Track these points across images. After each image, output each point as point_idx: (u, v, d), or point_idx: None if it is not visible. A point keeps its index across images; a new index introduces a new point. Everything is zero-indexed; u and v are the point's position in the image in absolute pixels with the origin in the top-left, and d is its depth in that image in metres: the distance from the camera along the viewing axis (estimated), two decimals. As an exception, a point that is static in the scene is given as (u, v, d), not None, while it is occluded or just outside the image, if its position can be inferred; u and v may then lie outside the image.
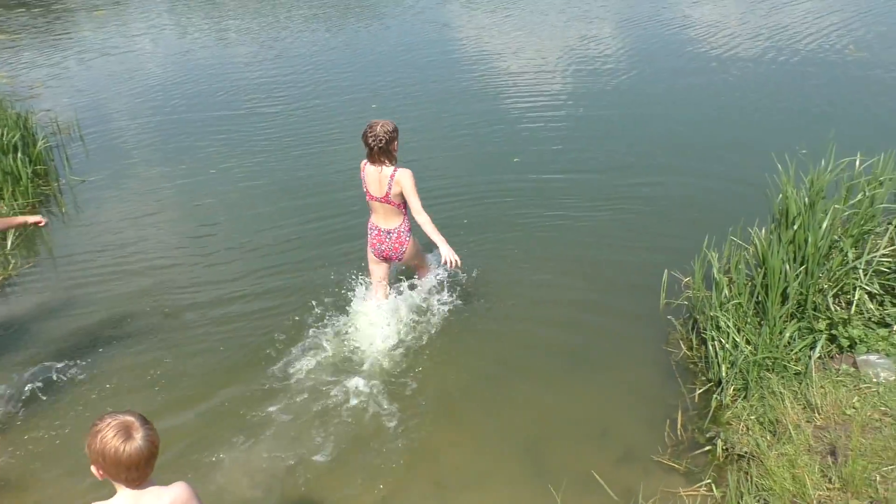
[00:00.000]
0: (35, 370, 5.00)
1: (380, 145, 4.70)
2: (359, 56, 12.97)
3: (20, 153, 7.67)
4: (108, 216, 7.42)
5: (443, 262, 4.80)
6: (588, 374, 4.89)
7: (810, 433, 3.85)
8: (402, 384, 4.80)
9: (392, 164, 4.80)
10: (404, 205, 4.93)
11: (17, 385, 4.84)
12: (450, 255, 4.76)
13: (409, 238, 5.09)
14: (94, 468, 2.39)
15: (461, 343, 5.20)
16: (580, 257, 6.12)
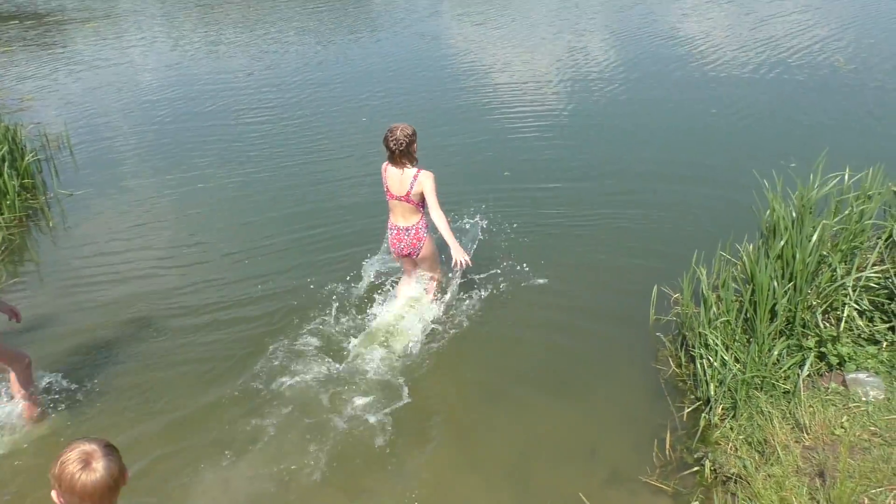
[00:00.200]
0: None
1: (400, 148, 4.93)
2: (349, 69, 12.97)
3: (7, 166, 7.61)
4: (95, 229, 7.36)
5: (453, 263, 4.99)
6: (576, 392, 4.84)
7: (798, 454, 3.81)
8: (389, 402, 4.74)
9: (414, 165, 5.03)
10: (422, 204, 5.12)
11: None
12: (460, 255, 4.94)
13: (426, 235, 5.26)
14: (53, 494, 2.33)
15: (448, 362, 5.16)
16: (569, 272, 6.08)
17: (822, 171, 5.46)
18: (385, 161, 5.13)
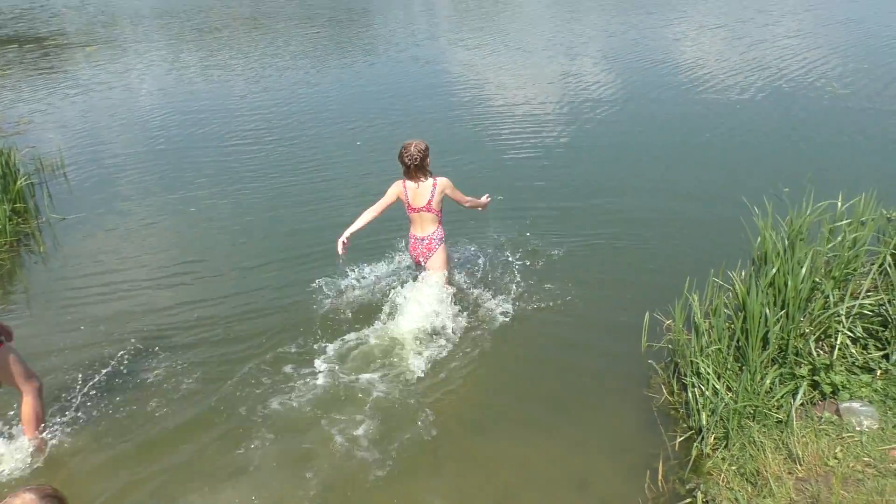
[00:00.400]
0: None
1: (415, 163, 5.29)
2: (343, 92, 13.04)
3: (-1, 191, 7.61)
4: (87, 253, 7.33)
5: (486, 199, 5.93)
6: (567, 420, 4.77)
7: (791, 486, 3.74)
8: (379, 429, 4.67)
9: (428, 177, 5.37)
10: (441, 212, 5.52)
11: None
12: (487, 199, 5.89)
13: (439, 245, 5.57)
14: None
15: (437, 386, 5.09)
16: (560, 297, 6.03)
17: (816, 195, 5.44)
18: (399, 180, 5.44)
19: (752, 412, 4.28)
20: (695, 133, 9.84)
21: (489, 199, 6.00)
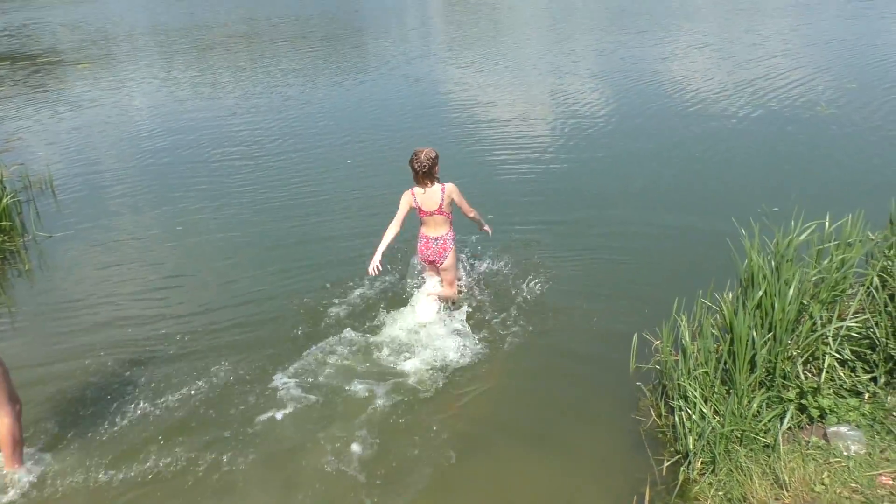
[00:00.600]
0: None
1: (424, 170, 5.56)
2: (333, 110, 13.06)
3: (-17, 209, 7.55)
4: (71, 272, 7.27)
5: (481, 227, 6.17)
6: (554, 443, 4.72)
7: (778, 512, 3.70)
8: (366, 451, 4.61)
9: (435, 182, 5.65)
10: (451, 214, 5.76)
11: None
12: (488, 227, 6.17)
13: (452, 245, 5.84)
14: None
15: (423, 409, 5.03)
16: (549, 314, 6.00)
17: (804, 216, 5.42)
18: (407, 190, 5.71)
19: (739, 436, 4.24)
20: (684, 151, 9.85)
21: (490, 229, 6.24)
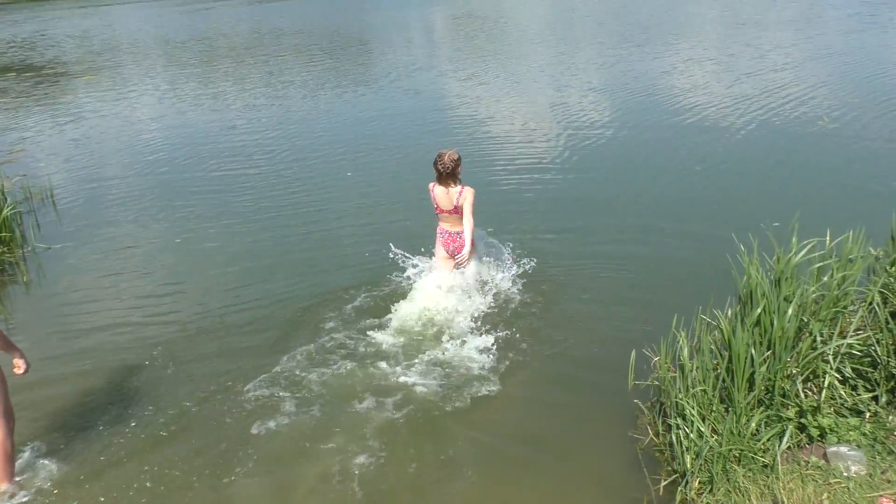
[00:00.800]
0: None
1: (447, 171, 5.88)
2: (334, 123, 13.09)
3: (-18, 220, 7.56)
4: (70, 284, 7.27)
5: (458, 258, 6.08)
6: (552, 460, 4.66)
7: (777, 534, 3.63)
8: (365, 461, 4.58)
9: (458, 184, 5.98)
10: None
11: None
12: (466, 255, 5.99)
13: (471, 238, 6.04)
14: None
15: (417, 424, 4.98)
16: (547, 328, 5.97)
17: (805, 231, 5.37)
18: (432, 182, 6.04)
19: (737, 456, 4.17)
20: (685, 165, 9.83)
21: (468, 250, 6.01)
